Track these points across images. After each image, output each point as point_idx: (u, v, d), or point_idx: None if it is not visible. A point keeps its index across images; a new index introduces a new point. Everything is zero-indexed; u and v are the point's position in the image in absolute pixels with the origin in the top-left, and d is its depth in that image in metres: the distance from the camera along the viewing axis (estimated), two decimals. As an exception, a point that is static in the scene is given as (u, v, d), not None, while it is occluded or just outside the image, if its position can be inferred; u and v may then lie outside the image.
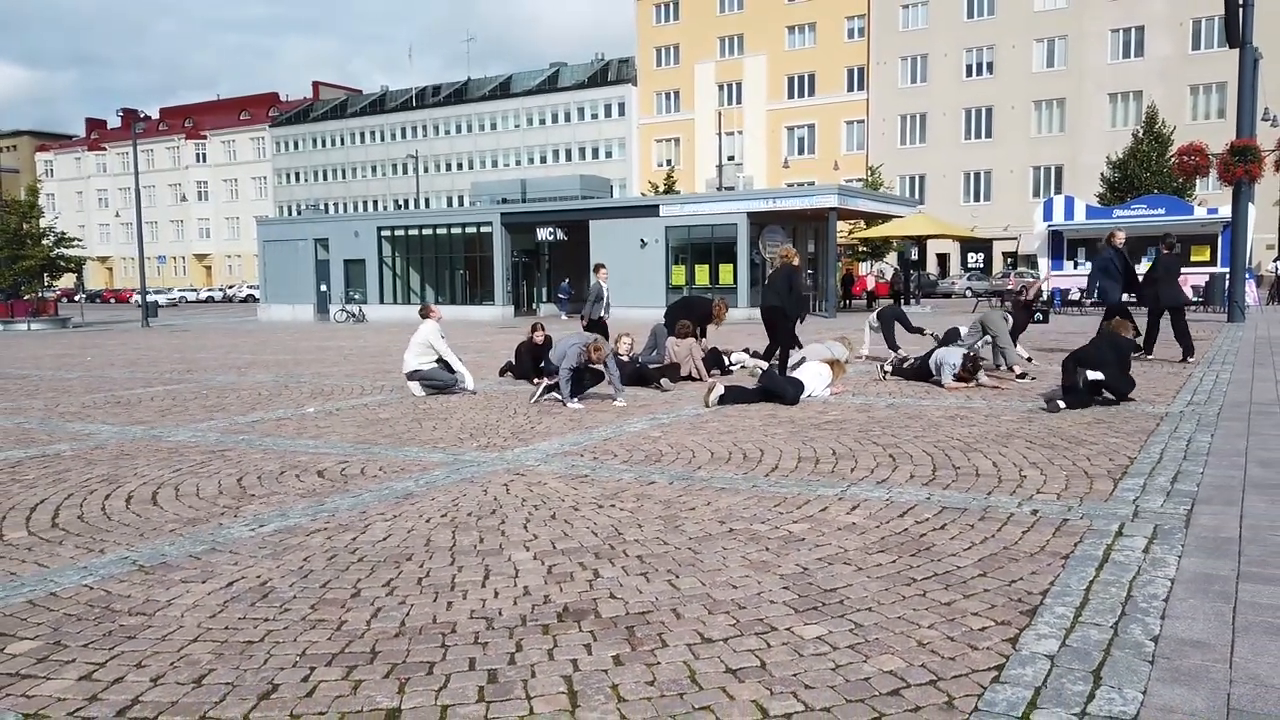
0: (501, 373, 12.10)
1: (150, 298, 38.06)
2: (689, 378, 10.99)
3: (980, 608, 3.48)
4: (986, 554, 4.12)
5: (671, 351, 11.26)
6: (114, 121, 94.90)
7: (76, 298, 53.24)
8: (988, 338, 11.23)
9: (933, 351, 10.61)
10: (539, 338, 11.41)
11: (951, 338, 11.59)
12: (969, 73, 52.49)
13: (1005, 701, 2.71)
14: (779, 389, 9.08)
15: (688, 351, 11.18)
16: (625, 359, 10.42)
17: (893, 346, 13.04)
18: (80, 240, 41.51)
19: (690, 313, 12.12)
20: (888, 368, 11.20)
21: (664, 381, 10.46)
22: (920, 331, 13.42)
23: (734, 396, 9.02)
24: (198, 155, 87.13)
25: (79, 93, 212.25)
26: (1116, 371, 8.43)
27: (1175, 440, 6.60)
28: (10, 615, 3.67)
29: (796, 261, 11.08)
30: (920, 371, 10.59)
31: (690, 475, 5.90)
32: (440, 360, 10.50)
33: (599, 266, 14.10)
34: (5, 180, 60.85)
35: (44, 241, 36.70)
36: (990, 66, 51.83)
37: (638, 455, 6.61)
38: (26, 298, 36.60)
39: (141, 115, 37.67)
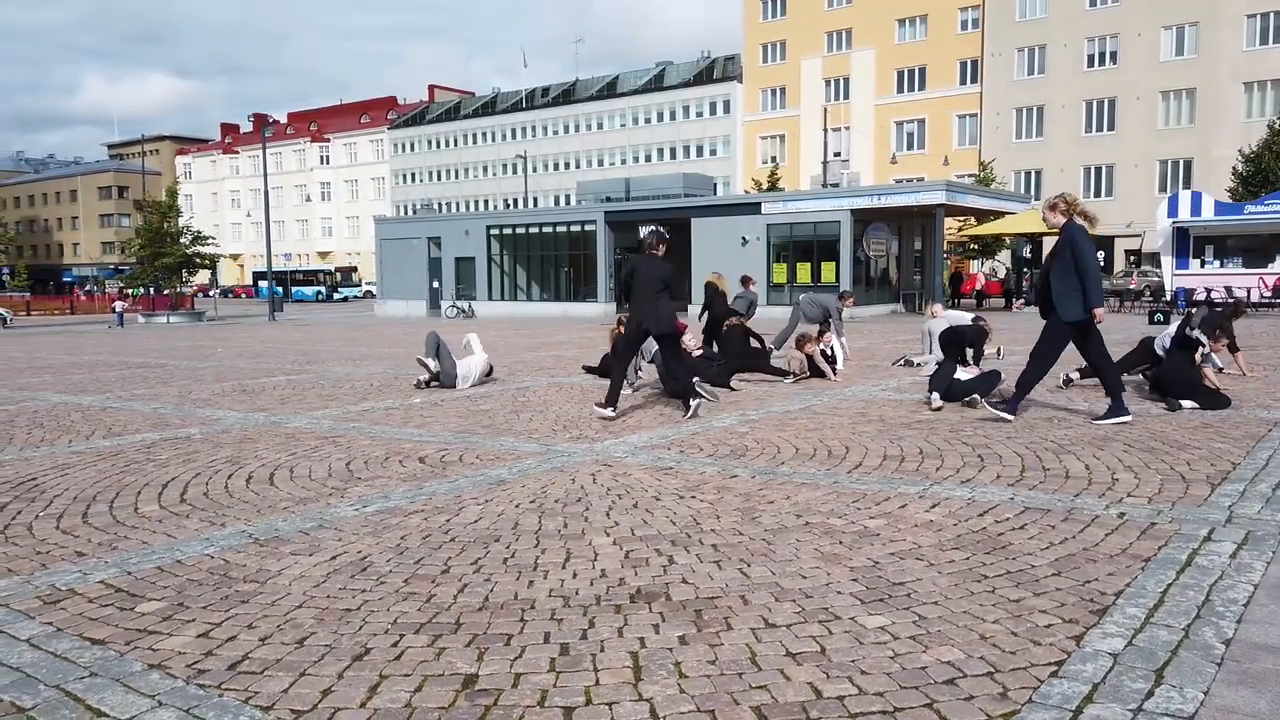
0: (588, 369, 12.36)
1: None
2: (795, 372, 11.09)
3: (1049, 606, 3.48)
4: (1064, 554, 4.10)
5: (796, 358, 11.22)
6: (246, 126, 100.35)
7: (210, 293, 56.50)
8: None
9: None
10: (690, 344, 11.48)
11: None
12: (1090, 63, 50.25)
13: (1060, 695, 2.75)
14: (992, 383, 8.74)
15: (801, 360, 11.17)
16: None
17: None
18: (215, 239, 44.09)
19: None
20: (1073, 375, 9.71)
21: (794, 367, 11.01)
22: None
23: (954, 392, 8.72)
24: (322, 157, 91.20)
25: (224, 100, 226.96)
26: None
27: (1287, 447, 6.31)
28: (141, 579, 4.07)
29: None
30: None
31: (773, 470, 5.99)
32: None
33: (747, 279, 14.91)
34: (148, 182, 65.08)
35: (182, 240, 39.15)
36: (1114, 56, 49.49)
37: (723, 450, 6.74)
38: (166, 293, 39.15)
39: (271, 120, 39.82)
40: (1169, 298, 26.25)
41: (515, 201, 74.72)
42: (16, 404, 10.40)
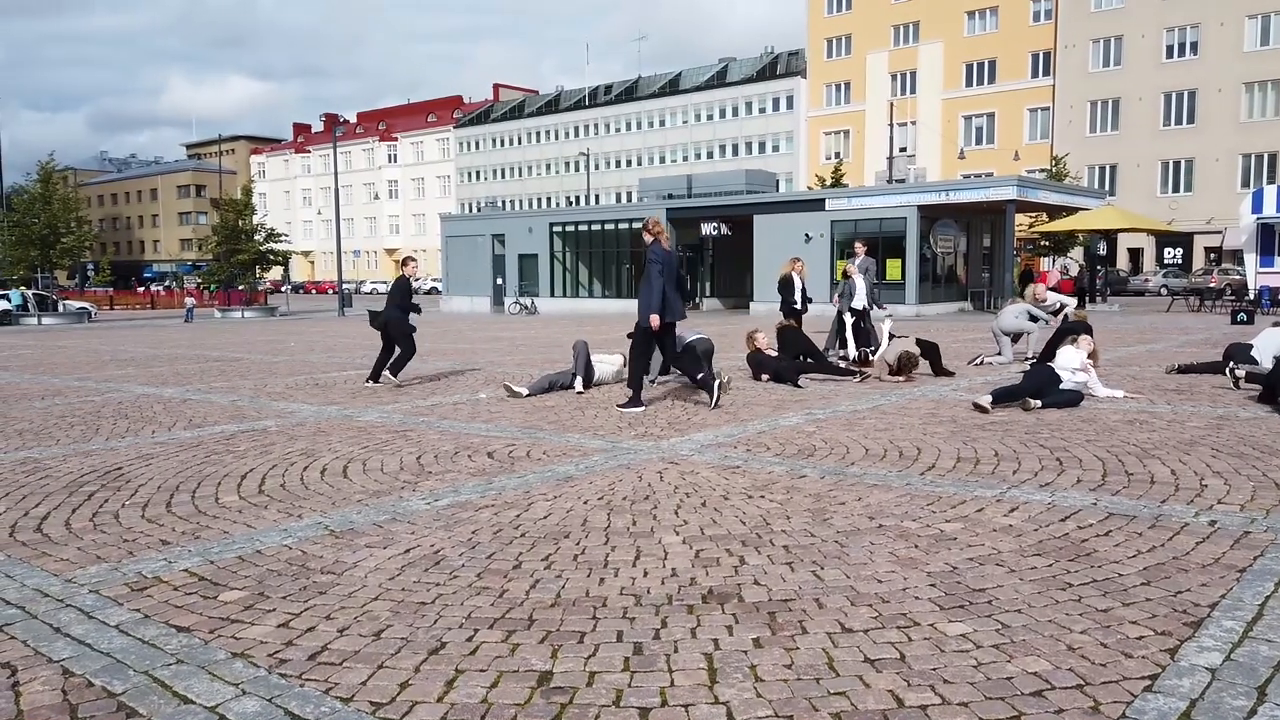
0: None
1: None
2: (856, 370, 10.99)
3: (1139, 617, 3.36)
4: (1153, 563, 3.95)
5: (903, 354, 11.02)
6: (317, 126, 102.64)
7: (283, 289, 57.97)
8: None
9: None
10: (763, 341, 11.32)
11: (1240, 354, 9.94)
12: (1169, 54, 48.63)
13: (1156, 711, 2.64)
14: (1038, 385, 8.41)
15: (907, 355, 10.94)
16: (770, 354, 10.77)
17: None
18: (287, 236, 45.24)
19: None
20: (1240, 372, 9.36)
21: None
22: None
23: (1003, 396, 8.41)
24: (389, 156, 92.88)
25: (299, 101, 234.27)
26: None
27: (1390, 454, 6.00)
28: (223, 568, 4.17)
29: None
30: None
31: (842, 471, 5.90)
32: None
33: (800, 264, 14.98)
34: (224, 181, 67.00)
35: (256, 237, 40.25)
36: (1194, 47, 47.82)
37: (790, 449, 6.66)
38: (240, 288, 40.28)
39: (341, 120, 40.75)
40: (1252, 296, 25.23)
41: (578, 199, 75.12)
42: (102, 395, 10.78)
